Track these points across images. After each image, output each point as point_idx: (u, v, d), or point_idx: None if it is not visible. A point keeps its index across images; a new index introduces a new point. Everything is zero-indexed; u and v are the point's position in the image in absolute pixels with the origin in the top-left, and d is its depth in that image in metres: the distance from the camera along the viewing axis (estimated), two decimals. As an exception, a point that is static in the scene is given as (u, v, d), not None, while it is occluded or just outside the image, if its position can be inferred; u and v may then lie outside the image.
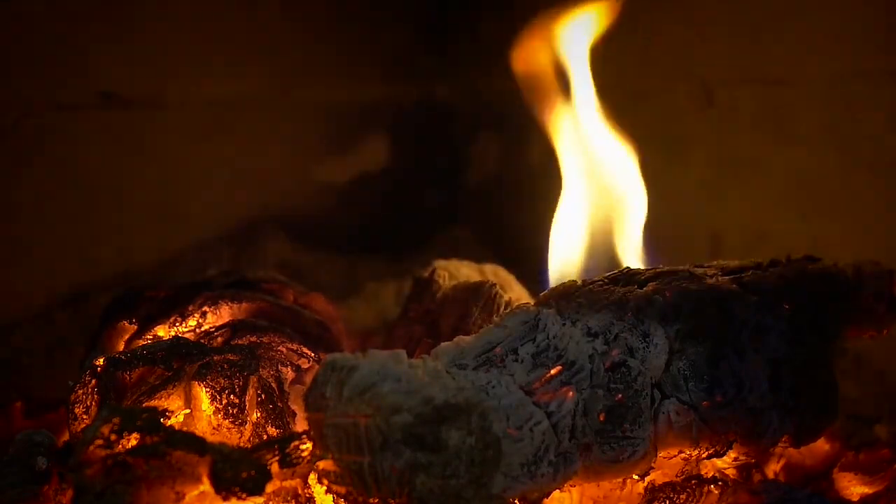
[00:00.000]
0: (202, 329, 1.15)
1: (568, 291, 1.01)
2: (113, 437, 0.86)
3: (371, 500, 0.85)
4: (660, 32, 1.66)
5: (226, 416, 1.02)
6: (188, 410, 1.02)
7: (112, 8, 1.61)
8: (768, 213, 1.55)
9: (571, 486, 0.95)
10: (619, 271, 1.05)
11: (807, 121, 1.49)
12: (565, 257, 1.25)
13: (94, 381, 1.04)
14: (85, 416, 1.03)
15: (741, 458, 1.00)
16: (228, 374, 1.03)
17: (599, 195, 1.26)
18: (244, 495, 0.85)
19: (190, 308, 1.16)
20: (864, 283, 1.05)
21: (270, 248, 1.85)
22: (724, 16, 1.58)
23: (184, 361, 1.04)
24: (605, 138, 1.28)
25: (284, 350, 1.12)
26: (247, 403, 1.03)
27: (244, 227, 1.84)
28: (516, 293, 1.29)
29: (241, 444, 1.00)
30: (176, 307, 1.16)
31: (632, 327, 0.95)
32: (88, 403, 1.03)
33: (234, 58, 1.77)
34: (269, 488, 0.87)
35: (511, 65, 1.33)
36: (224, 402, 1.02)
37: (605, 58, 1.30)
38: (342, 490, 0.87)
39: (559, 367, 0.91)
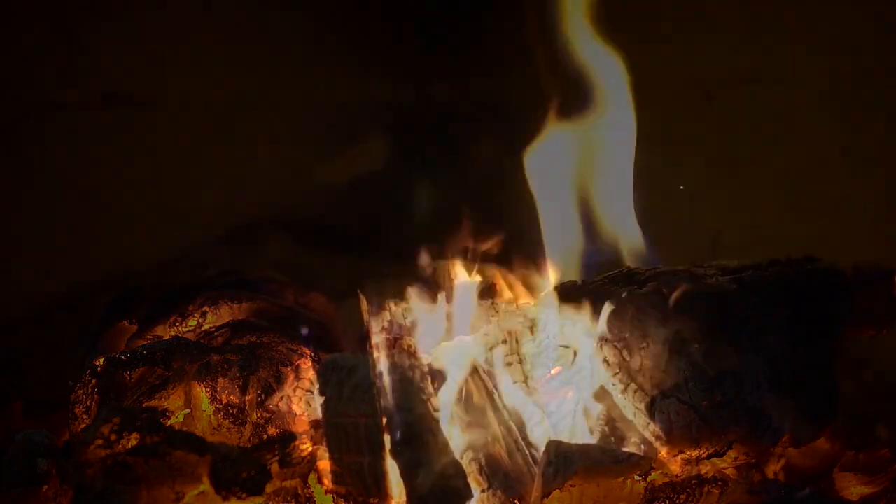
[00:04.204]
0: (202, 329, 1.15)
1: (568, 291, 1.01)
2: (113, 437, 0.86)
3: (371, 500, 0.85)
4: (660, 32, 1.66)
5: (226, 416, 1.02)
6: (188, 410, 1.02)
7: (112, 8, 1.61)
8: (768, 213, 1.55)
9: (571, 486, 0.95)
10: (619, 271, 1.05)
11: (807, 121, 1.49)
12: (564, 256, 1.25)
13: (94, 381, 1.04)
14: (85, 416, 1.03)
15: (741, 458, 1.00)
16: (228, 374, 1.03)
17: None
18: (244, 495, 0.85)
19: (190, 308, 1.16)
20: (864, 283, 1.05)
21: (270, 248, 1.85)
22: (724, 16, 1.58)
23: (184, 361, 1.04)
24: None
25: (284, 350, 1.12)
26: (247, 403, 1.03)
27: (244, 227, 1.84)
28: (516, 293, 1.29)
29: (241, 444, 1.00)
30: (176, 307, 1.16)
31: (632, 327, 0.95)
32: (88, 403, 1.03)
33: (234, 58, 1.77)
34: (269, 488, 0.87)
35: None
36: (224, 402, 1.02)
37: (604, 58, 1.30)
38: (342, 490, 0.87)
39: (559, 367, 0.91)
